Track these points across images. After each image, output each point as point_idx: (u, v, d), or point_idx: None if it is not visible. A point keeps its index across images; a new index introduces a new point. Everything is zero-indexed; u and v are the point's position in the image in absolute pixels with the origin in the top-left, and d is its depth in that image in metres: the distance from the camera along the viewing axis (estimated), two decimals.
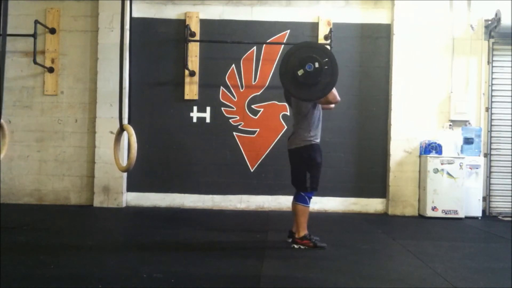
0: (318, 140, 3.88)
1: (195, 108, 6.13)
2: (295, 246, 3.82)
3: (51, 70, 6.05)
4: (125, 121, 4.15)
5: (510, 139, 6.10)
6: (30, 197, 6.08)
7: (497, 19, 5.85)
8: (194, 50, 6.06)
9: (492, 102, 6.14)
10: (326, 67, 3.56)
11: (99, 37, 5.97)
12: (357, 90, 6.11)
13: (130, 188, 6.07)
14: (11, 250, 3.50)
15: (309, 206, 3.82)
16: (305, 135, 3.81)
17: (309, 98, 3.73)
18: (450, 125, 6.02)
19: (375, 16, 6.11)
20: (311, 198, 3.84)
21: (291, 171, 3.96)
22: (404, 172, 5.93)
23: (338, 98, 3.86)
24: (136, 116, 5.98)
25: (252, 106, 6.13)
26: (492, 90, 6.14)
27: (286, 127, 6.07)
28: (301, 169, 3.82)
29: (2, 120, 3.00)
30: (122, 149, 5.59)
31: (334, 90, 3.76)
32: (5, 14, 2.86)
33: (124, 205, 6.00)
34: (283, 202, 5.99)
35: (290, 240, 3.91)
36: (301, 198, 3.80)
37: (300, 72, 3.54)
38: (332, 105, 4.04)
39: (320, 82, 3.60)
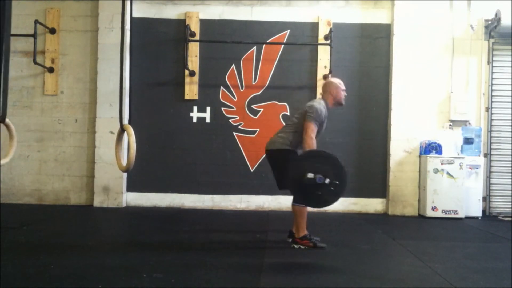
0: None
1: (195, 108, 6.13)
2: (295, 246, 3.82)
3: (51, 70, 6.05)
4: (125, 121, 4.15)
5: (510, 139, 6.10)
6: (30, 197, 6.08)
7: (497, 19, 5.85)
8: (194, 50, 6.07)
9: (492, 102, 6.14)
10: (332, 188, 3.46)
11: (99, 37, 5.97)
12: (357, 90, 6.11)
13: (130, 188, 6.07)
14: (11, 250, 3.50)
15: (305, 206, 3.79)
16: (288, 142, 3.82)
17: (300, 200, 3.66)
18: (450, 125, 6.02)
19: (375, 16, 6.11)
20: None
21: (275, 175, 3.94)
22: (404, 172, 5.93)
23: (310, 146, 3.71)
24: (136, 116, 5.97)
25: (252, 106, 6.13)
26: (492, 90, 6.14)
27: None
28: (283, 170, 3.71)
29: (7, 120, 2.98)
30: (123, 149, 5.58)
31: (312, 142, 3.69)
32: (8, 14, 2.83)
33: (124, 205, 6.00)
34: (283, 202, 5.99)
35: (290, 240, 3.92)
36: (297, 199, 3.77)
37: (309, 176, 3.42)
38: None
39: (318, 195, 3.48)
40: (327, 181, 3.43)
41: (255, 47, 6.10)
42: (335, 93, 3.97)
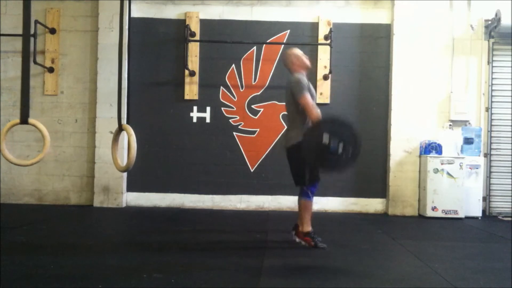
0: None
1: (195, 108, 6.13)
2: (296, 239, 3.82)
3: (51, 70, 6.05)
4: (124, 121, 4.15)
5: (510, 139, 6.10)
6: (30, 197, 6.08)
7: (497, 19, 5.85)
8: (194, 50, 6.07)
9: (492, 102, 6.14)
10: (344, 157, 3.46)
11: (99, 37, 5.97)
12: (357, 90, 6.11)
13: (130, 188, 6.07)
14: (11, 250, 3.51)
15: (312, 200, 3.80)
16: (301, 131, 3.76)
17: (312, 163, 3.65)
18: (450, 125, 6.02)
19: (375, 16, 6.11)
20: (314, 192, 3.80)
21: (292, 170, 3.89)
22: (404, 172, 5.93)
23: (316, 114, 3.73)
24: (136, 116, 6.00)
25: (252, 106, 6.13)
26: (492, 90, 6.14)
27: (286, 127, 6.06)
28: (300, 164, 3.76)
29: (33, 120, 2.96)
30: (121, 149, 5.59)
31: (315, 109, 3.70)
32: (27, 14, 2.81)
33: (124, 205, 6.00)
34: (283, 202, 5.99)
35: (293, 232, 3.91)
36: (304, 193, 3.79)
37: (325, 139, 3.43)
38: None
39: (329, 160, 3.50)
40: (340, 149, 3.43)
41: (255, 47, 6.10)
42: (298, 61, 3.93)
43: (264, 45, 6.09)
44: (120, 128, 3.69)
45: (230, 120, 6.13)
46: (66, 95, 6.11)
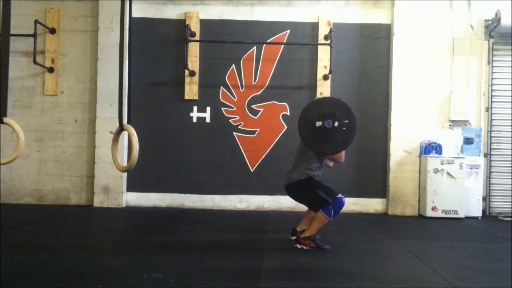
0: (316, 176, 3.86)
1: (195, 108, 6.13)
2: (298, 246, 3.81)
3: (51, 70, 6.05)
4: (125, 121, 4.14)
5: (510, 139, 6.10)
6: (30, 197, 6.08)
7: (497, 19, 5.85)
8: (194, 50, 6.07)
9: (492, 102, 6.14)
10: (344, 128, 3.57)
11: (99, 37, 5.97)
12: (357, 90, 6.11)
13: (130, 188, 6.07)
14: (11, 250, 3.50)
15: (330, 220, 3.72)
16: (304, 171, 3.80)
17: (318, 150, 3.73)
18: (450, 125, 6.02)
19: (375, 16, 6.11)
20: (337, 212, 3.71)
21: (303, 203, 3.93)
22: (404, 172, 5.93)
23: (343, 159, 3.89)
24: (136, 116, 5.98)
25: (252, 106, 6.13)
26: (492, 90, 6.14)
27: (286, 127, 6.07)
28: (308, 193, 3.78)
29: (7, 119, 2.96)
30: (121, 149, 5.59)
31: (342, 152, 3.79)
32: (7, 14, 2.82)
33: (124, 205, 6.00)
34: (283, 202, 5.99)
35: (293, 238, 3.91)
36: (327, 209, 3.69)
37: (318, 124, 3.55)
38: (332, 163, 4.04)
39: (334, 140, 3.60)
40: (336, 123, 3.53)
41: (255, 47, 6.10)
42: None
43: (264, 45, 6.09)
44: (121, 128, 3.69)
45: (230, 120, 6.13)
46: (66, 95, 6.11)
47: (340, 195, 3.73)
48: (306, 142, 3.76)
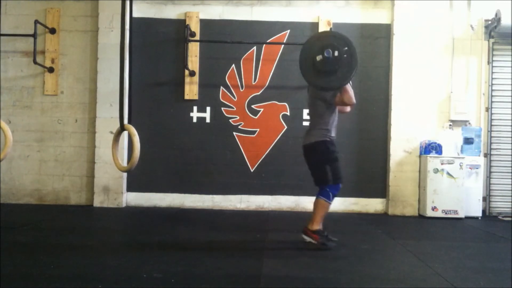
0: (333, 137, 3.87)
1: (195, 108, 6.13)
2: (305, 238, 3.79)
3: (51, 70, 6.05)
4: (125, 121, 4.15)
5: (510, 139, 6.10)
6: (30, 197, 6.08)
7: (497, 19, 5.85)
8: (194, 50, 6.06)
9: (492, 102, 6.14)
10: (345, 55, 3.57)
11: (99, 37, 5.97)
12: (357, 90, 6.07)
13: (130, 188, 6.07)
14: (11, 250, 3.51)
15: (330, 203, 3.77)
16: (321, 132, 3.81)
17: (326, 87, 3.71)
18: (450, 125, 6.02)
19: (375, 16, 6.11)
20: (335, 195, 3.78)
21: (310, 169, 3.89)
22: (404, 172, 5.93)
23: (354, 100, 3.85)
24: (136, 116, 5.97)
25: (252, 106, 6.13)
26: (492, 90, 6.14)
27: (286, 127, 6.07)
28: (319, 163, 3.78)
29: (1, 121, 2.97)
30: (121, 149, 5.59)
31: (351, 91, 3.78)
32: None
33: (124, 205, 6.00)
34: (283, 202, 5.99)
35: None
36: (324, 193, 3.75)
37: (318, 58, 3.55)
38: (348, 108, 4.06)
39: (337, 71, 3.60)
40: (336, 53, 3.53)
41: (255, 47, 6.10)
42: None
43: (264, 45, 6.09)
44: (122, 128, 3.69)
45: (230, 120, 6.13)
46: (66, 95, 6.11)
47: (339, 185, 3.81)
48: (311, 82, 3.74)
